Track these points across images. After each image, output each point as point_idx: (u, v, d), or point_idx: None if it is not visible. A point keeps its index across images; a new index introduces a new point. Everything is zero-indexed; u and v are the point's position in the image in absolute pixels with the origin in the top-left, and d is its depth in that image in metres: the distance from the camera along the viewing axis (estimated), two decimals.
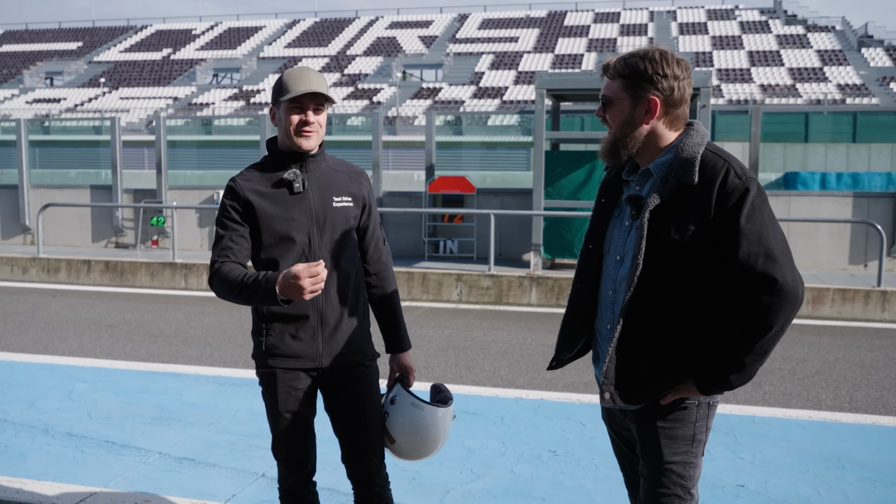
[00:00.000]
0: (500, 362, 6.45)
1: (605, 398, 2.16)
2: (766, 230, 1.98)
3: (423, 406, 2.64)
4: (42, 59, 51.58)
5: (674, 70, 2.06)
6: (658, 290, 2.06)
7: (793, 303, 1.98)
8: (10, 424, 4.74)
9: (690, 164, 2.03)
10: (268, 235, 2.52)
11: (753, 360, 2.02)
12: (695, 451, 2.19)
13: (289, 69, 2.51)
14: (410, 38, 50.22)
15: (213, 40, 53.33)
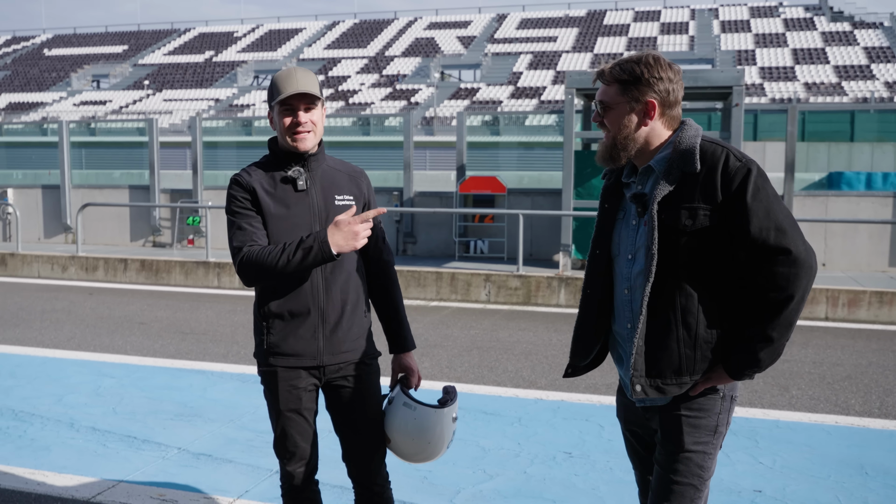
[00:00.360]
0: (523, 363, 6.42)
1: (637, 391, 2.16)
2: (773, 206, 2.05)
3: (415, 406, 2.61)
4: (89, 63, 52.72)
5: (667, 73, 2.15)
6: (675, 278, 2.12)
7: (808, 271, 2.04)
8: (38, 418, 4.86)
9: (691, 153, 2.11)
10: (271, 231, 2.53)
11: (780, 334, 2.06)
12: (715, 442, 2.20)
13: (279, 71, 2.54)
14: (449, 39, 50.26)
15: (255, 42, 54.00)
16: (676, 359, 2.13)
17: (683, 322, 2.12)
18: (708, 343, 2.13)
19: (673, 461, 2.19)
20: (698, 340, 2.13)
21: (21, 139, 17.26)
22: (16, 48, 58.01)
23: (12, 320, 8.19)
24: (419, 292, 9.70)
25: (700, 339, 2.13)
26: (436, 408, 2.63)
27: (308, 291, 2.54)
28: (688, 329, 2.13)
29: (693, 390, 2.16)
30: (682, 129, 2.18)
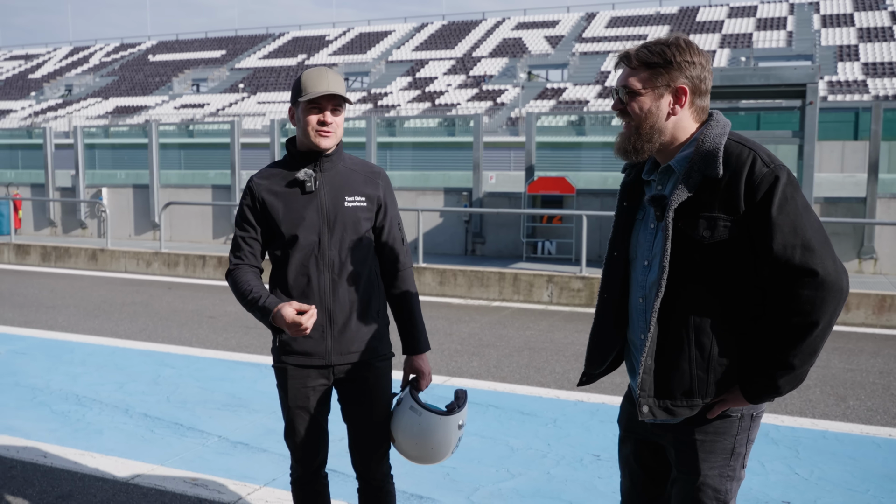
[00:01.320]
0: (572, 364, 6.38)
1: (644, 412, 2.02)
2: (801, 219, 1.85)
3: (420, 411, 2.62)
4: (189, 67, 55.03)
5: (700, 59, 1.97)
6: (690, 293, 1.95)
7: (837, 295, 1.85)
8: (98, 403, 5.17)
9: (714, 155, 1.91)
10: (280, 233, 2.61)
11: (802, 362, 1.88)
12: (733, 464, 2.07)
13: (308, 70, 2.58)
14: (536, 39, 50.02)
15: (345, 45, 55.15)
16: (688, 380, 1.97)
17: (697, 342, 1.96)
18: (722, 365, 1.96)
19: (690, 487, 2.07)
20: (712, 362, 1.96)
21: (124, 141, 18.18)
22: (123, 55, 61.10)
23: (94, 312, 8.69)
24: (482, 292, 9.74)
25: (714, 361, 1.96)
26: (441, 414, 2.61)
27: (316, 292, 2.59)
28: (701, 349, 1.96)
29: (710, 413, 2.01)
30: (708, 125, 1.99)
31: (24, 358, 6.42)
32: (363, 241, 2.65)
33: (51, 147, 15.41)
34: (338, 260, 2.60)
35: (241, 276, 2.63)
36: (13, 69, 61.44)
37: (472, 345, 7.07)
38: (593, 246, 11.45)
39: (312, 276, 2.60)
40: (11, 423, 4.78)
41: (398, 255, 2.74)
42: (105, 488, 3.81)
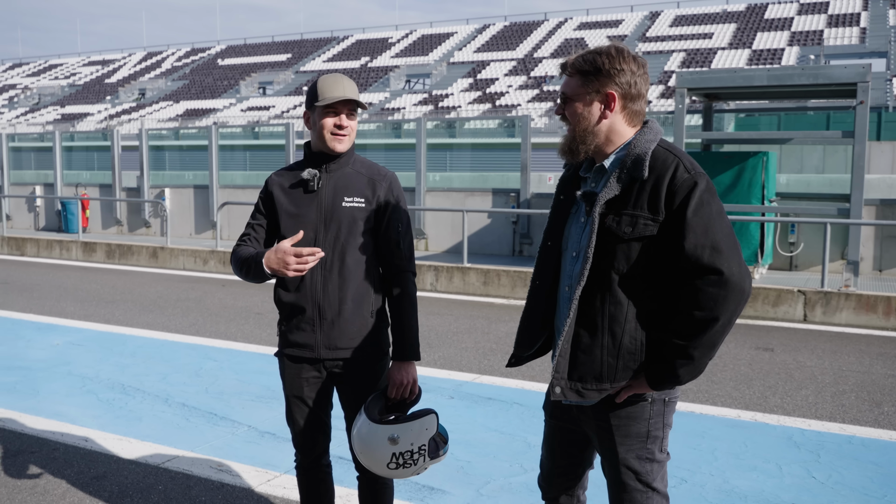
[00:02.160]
0: None
1: (556, 392, 2.17)
2: (714, 223, 2.00)
3: (362, 413, 2.64)
4: (256, 71, 56.37)
5: (630, 66, 2.10)
6: (610, 285, 2.10)
7: (738, 295, 2.00)
8: (140, 392, 5.44)
9: (641, 159, 2.07)
10: (282, 227, 2.74)
11: (702, 354, 2.03)
12: (650, 447, 2.20)
13: (323, 76, 2.70)
14: (599, 39, 49.56)
15: (408, 47, 55.65)
16: (598, 366, 2.12)
17: (610, 330, 2.10)
18: (631, 354, 2.11)
19: (614, 471, 2.23)
20: (622, 350, 2.10)
21: (189, 143, 18.82)
22: (194, 59, 62.96)
23: (150, 307, 9.07)
24: (525, 293, 9.77)
25: (624, 349, 2.10)
26: (374, 421, 2.59)
27: (308, 288, 2.70)
28: (613, 337, 2.11)
29: (618, 398, 2.15)
30: (642, 132, 2.14)
31: (80, 349, 6.78)
32: (359, 242, 2.71)
33: (118, 149, 16.06)
34: (330, 257, 2.69)
35: (241, 249, 2.78)
36: (91, 74, 63.95)
37: (507, 344, 7.14)
38: None
39: (307, 272, 2.70)
40: (60, 409, 5.08)
41: (395, 257, 2.77)
42: (137, 471, 4.04)
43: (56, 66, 69.21)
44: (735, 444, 4.50)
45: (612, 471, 2.24)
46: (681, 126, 9.33)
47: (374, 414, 2.62)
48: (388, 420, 2.62)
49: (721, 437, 4.62)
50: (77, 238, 14.37)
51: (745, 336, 7.61)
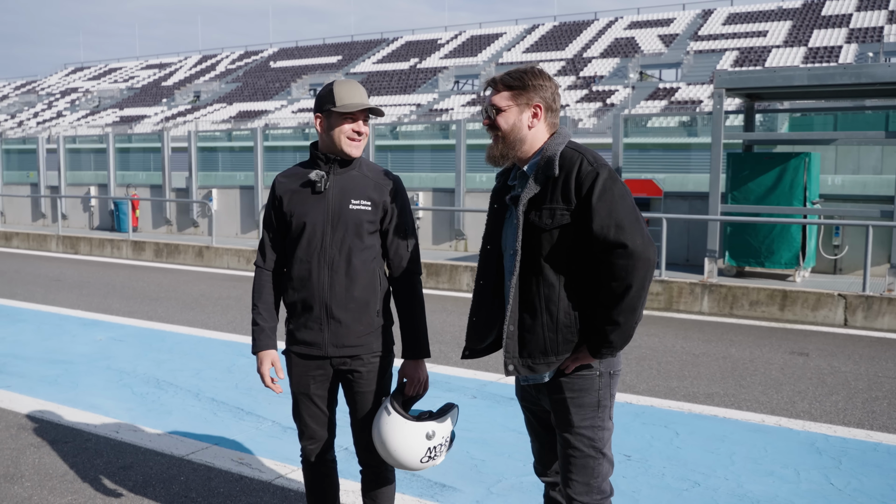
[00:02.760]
0: (631, 367, 6.37)
1: (509, 370, 2.45)
2: (616, 205, 2.28)
3: (390, 411, 2.72)
4: (307, 73, 57.15)
5: (549, 83, 2.46)
6: (541, 271, 2.39)
7: (645, 262, 2.27)
8: (173, 387, 5.62)
9: (552, 160, 2.36)
10: (290, 228, 2.84)
11: (626, 319, 2.30)
12: (601, 415, 2.47)
13: (338, 82, 2.77)
14: (649, 38, 48.99)
15: (456, 49, 55.78)
16: (542, 341, 2.40)
17: (547, 309, 2.39)
18: (568, 327, 2.38)
19: (569, 439, 2.48)
20: (559, 325, 2.38)
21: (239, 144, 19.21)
22: (247, 61, 64.12)
23: (192, 304, 9.33)
24: None
25: (560, 324, 2.38)
26: (407, 419, 2.69)
27: (315, 287, 2.78)
28: (550, 315, 2.39)
29: (566, 369, 2.42)
30: (552, 137, 2.43)
31: (121, 345, 7.02)
32: (365, 243, 2.80)
33: (168, 151, 16.50)
34: (338, 258, 2.77)
35: (258, 282, 2.94)
36: (148, 77, 65.63)
37: None
38: (680, 250, 11.24)
39: (313, 271, 2.79)
40: (96, 401, 5.28)
41: (401, 259, 2.87)
42: (161, 462, 4.20)
43: (115, 70, 71.22)
44: (755, 448, 4.46)
45: (567, 439, 2.48)
46: (719, 127, 9.22)
47: (404, 411, 2.73)
48: (423, 417, 2.73)
49: (741, 441, 4.58)
50: (127, 237, 14.81)
51: (780, 340, 7.49)
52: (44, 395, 5.41)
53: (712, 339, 7.53)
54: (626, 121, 13.98)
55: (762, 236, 9.61)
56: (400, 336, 2.92)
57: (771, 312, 8.61)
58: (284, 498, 3.78)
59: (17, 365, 6.26)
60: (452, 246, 13.54)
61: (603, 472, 2.49)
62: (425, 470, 4.02)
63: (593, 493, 2.47)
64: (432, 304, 5.53)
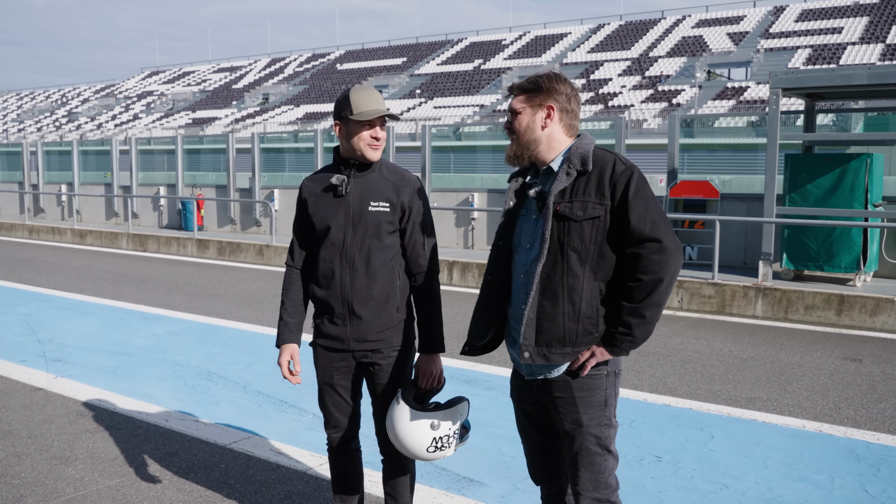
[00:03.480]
0: (674, 370, 6.34)
1: (525, 357, 2.46)
2: (650, 204, 2.37)
3: (399, 401, 2.83)
4: (372, 75, 57.85)
5: (564, 87, 2.51)
6: (567, 261, 2.42)
7: (676, 259, 2.35)
8: (223, 379, 5.86)
9: (586, 156, 2.43)
10: (314, 230, 2.98)
11: (652, 314, 2.36)
12: (608, 414, 2.52)
13: (355, 89, 2.89)
14: (718, 36, 47.98)
15: (521, 49, 55.68)
16: (561, 330, 2.43)
17: (570, 298, 2.42)
18: (589, 318, 2.42)
19: (577, 437, 2.51)
20: (581, 315, 2.42)
21: (299, 146, 19.66)
22: (314, 64, 65.29)
23: (248, 301, 9.63)
24: None
25: (582, 315, 2.42)
26: (413, 408, 2.79)
27: (337, 286, 2.93)
28: (573, 305, 2.42)
29: (582, 371, 2.45)
30: (579, 139, 2.50)
31: (178, 339, 7.32)
32: (385, 243, 2.93)
33: (233, 152, 16.99)
34: (359, 257, 2.90)
35: (287, 279, 3.09)
36: (219, 80, 67.46)
37: None
38: (737, 253, 11.05)
39: (336, 270, 2.93)
40: (150, 391, 5.55)
41: (418, 257, 2.98)
42: (205, 450, 4.40)
43: (189, 74, 73.44)
44: (791, 454, 4.41)
45: (574, 438, 2.51)
46: (774, 127, 9.03)
47: (413, 403, 2.83)
48: (428, 408, 2.83)
49: (778, 446, 4.53)
50: (192, 235, 15.32)
51: (834, 346, 7.32)
52: (102, 385, 5.71)
53: (762, 344, 7.40)
54: (685, 121, 13.76)
55: (821, 239, 9.37)
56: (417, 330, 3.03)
57: (827, 317, 8.41)
58: (317, 486, 3.93)
59: (80, 356, 6.60)
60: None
61: (609, 468, 2.54)
62: (451, 465, 4.14)
63: (601, 488, 2.53)
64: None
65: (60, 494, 3.80)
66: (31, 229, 18.79)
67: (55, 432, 4.70)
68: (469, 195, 13.76)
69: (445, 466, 4.17)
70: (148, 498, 3.76)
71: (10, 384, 5.74)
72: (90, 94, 74.20)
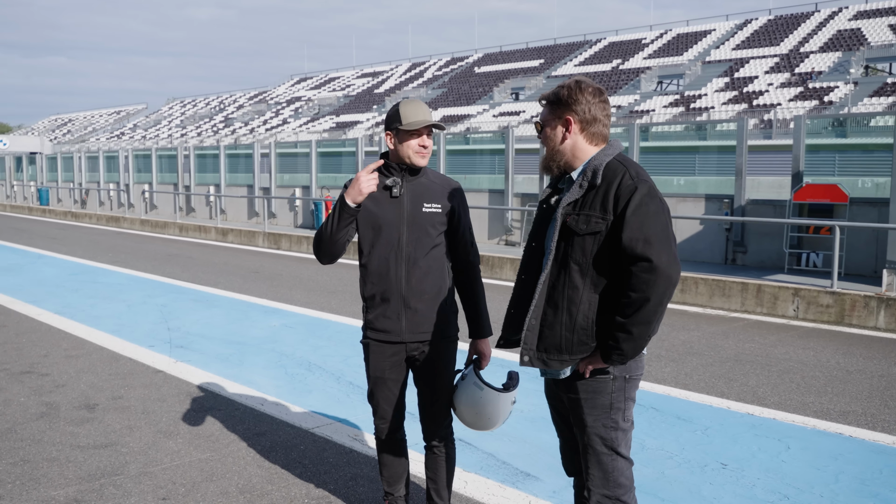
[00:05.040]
0: (769, 380, 6.16)
1: (525, 360, 2.60)
2: (649, 220, 2.38)
3: (482, 387, 3.07)
4: (510, 77, 58.16)
5: (586, 96, 2.54)
6: (569, 272, 2.51)
7: (666, 280, 2.35)
8: (321, 370, 6.27)
9: (596, 169, 2.49)
10: (369, 228, 3.22)
11: (639, 331, 2.40)
12: (614, 416, 2.58)
13: (403, 102, 3.17)
14: (878, 28, 44.77)
15: (661, 48, 54.24)
16: (558, 339, 2.53)
17: (567, 309, 2.51)
18: (584, 329, 2.50)
19: (584, 437, 2.63)
20: (576, 326, 2.50)
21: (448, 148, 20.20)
22: (452, 67, 66.40)
23: None
24: (723, 302, 9.48)
25: (578, 326, 2.50)
26: (499, 391, 3.06)
27: (393, 281, 3.16)
28: (570, 315, 2.51)
29: (582, 369, 2.55)
30: (603, 149, 2.54)
31: (290, 331, 7.85)
32: (435, 241, 3.17)
33: (361, 155, 17.72)
34: (413, 255, 3.14)
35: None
36: (362, 85, 69.94)
37: (677, 352, 7.09)
38: (867, 260, 10.44)
39: (391, 267, 3.17)
40: (254, 378, 6.03)
41: (467, 254, 3.25)
42: (290, 433, 4.78)
43: (334, 80, 76.60)
44: (868, 469, 4.24)
45: (582, 437, 2.63)
46: None
47: (496, 386, 3.09)
48: (509, 388, 3.09)
49: (856, 461, 4.37)
50: None
51: None
52: (214, 370, 6.25)
53: (876, 357, 7.02)
54: (837, 121, 13.05)
55: None
56: (466, 319, 3.25)
57: None
58: None
59: (200, 343, 7.23)
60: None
61: (618, 468, 2.61)
62: (512, 459, 4.30)
63: (610, 485, 2.61)
64: None
65: (158, 463, 4.27)
66: (181, 227, 20.39)
67: (165, 410, 5.23)
68: None
69: (506, 460, 4.33)
70: (230, 471, 4.16)
71: (137, 366, 6.40)
72: (244, 100, 78.91)
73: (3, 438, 4.66)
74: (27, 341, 7.32)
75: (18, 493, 3.88)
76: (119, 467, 4.22)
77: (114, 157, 29.57)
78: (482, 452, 4.45)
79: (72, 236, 19.67)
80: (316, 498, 3.86)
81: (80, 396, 5.53)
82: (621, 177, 2.43)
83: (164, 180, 26.19)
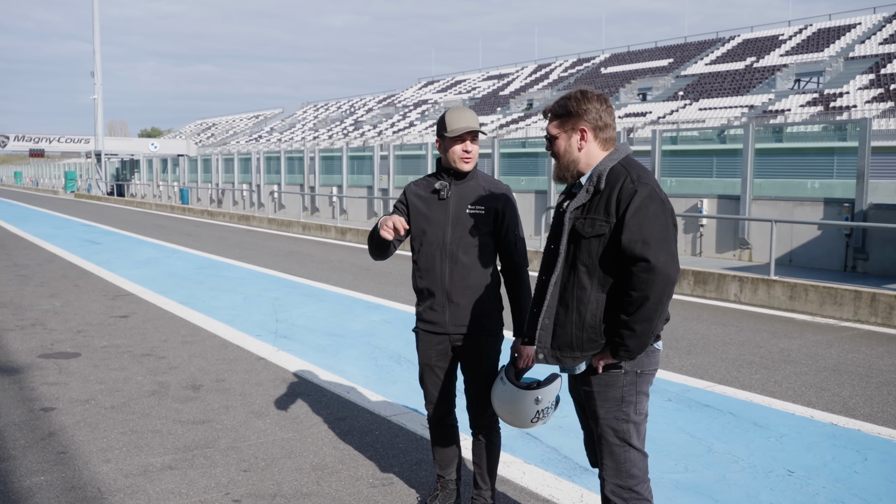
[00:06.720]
0: (865, 391, 5.91)
1: (540, 358, 2.76)
2: (648, 222, 2.49)
3: (505, 382, 3.20)
4: (637, 77, 57.02)
5: (593, 104, 2.67)
6: (577, 274, 2.65)
7: (664, 279, 2.47)
8: (408, 362, 6.57)
9: (601, 174, 2.63)
10: (417, 227, 3.47)
11: (642, 328, 2.52)
12: (625, 409, 2.70)
13: (449, 110, 3.39)
14: None
15: (800, 44, 51.64)
16: (569, 337, 2.67)
17: (577, 309, 2.65)
18: (593, 328, 2.63)
19: (597, 428, 2.76)
20: (585, 325, 2.64)
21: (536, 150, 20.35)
22: (578, 69, 65.78)
23: None
24: (834, 311, 9.07)
25: (586, 324, 2.64)
26: (519, 388, 3.15)
27: (438, 277, 3.40)
28: (579, 314, 2.64)
29: (598, 367, 2.67)
30: (607, 155, 2.66)
31: (386, 326, 8.21)
32: (479, 242, 3.37)
33: (431, 157, 18.02)
34: (456, 253, 3.36)
35: None
36: (488, 88, 70.49)
37: (772, 360, 6.91)
38: None
39: (436, 264, 3.40)
40: (344, 367, 6.40)
41: (512, 255, 3.42)
42: (368, 419, 5.08)
43: (460, 82, 77.59)
44: None
45: (596, 429, 2.76)
46: None
47: (518, 383, 3.22)
48: (532, 386, 3.21)
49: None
50: None
51: None
52: (311, 360, 6.68)
53: None
54: None
55: None
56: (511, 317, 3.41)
57: None
58: None
59: (303, 335, 7.70)
60: (736, 255, 13.04)
61: (631, 459, 2.72)
62: (573, 453, 4.41)
63: (622, 475, 2.73)
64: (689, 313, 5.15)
65: (246, 440, 4.68)
66: (304, 226, 21.39)
67: (261, 393, 5.67)
68: (697, 201, 13.40)
69: (569, 455, 4.45)
70: (308, 451, 4.50)
71: (242, 353, 6.93)
72: (374, 103, 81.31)
73: (118, 411, 5.22)
74: (151, 327, 8.04)
75: (123, 458, 4.37)
76: (211, 441, 4.65)
77: (247, 159, 31.38)
78: (546, 446, 4.58)
79: (205, 233, 21.07)
80: (381, 479, 4.13)
81: (189, 378, 6.07)
82: (623, 181, 2.55)
83: (292, 181, 27.54)
